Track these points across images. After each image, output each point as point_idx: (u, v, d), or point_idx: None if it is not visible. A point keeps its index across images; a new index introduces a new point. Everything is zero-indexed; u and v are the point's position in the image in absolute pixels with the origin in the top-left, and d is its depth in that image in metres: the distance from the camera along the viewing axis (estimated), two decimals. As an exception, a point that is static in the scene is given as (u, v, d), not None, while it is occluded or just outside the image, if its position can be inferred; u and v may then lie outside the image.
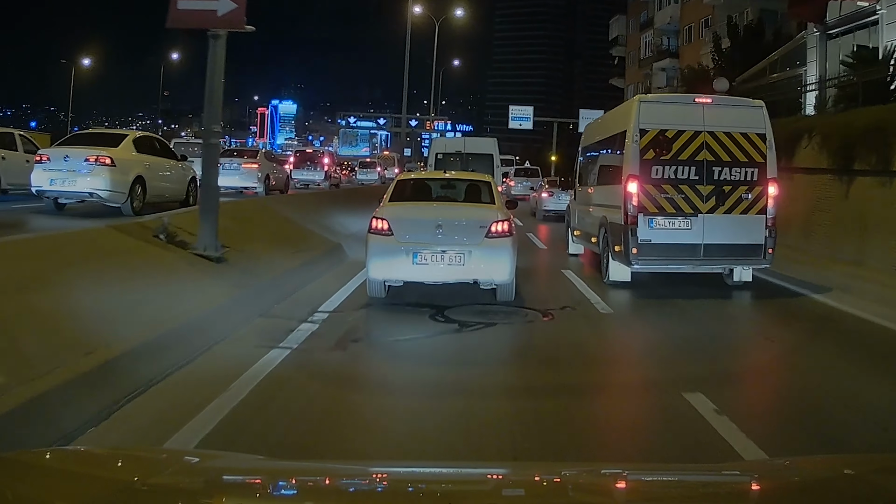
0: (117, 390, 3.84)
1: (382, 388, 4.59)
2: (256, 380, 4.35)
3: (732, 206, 8.19)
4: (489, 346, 5.84)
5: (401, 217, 7.17)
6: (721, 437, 3.62)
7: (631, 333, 6.78)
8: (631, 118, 8.22)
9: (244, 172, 18.59)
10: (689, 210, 8.10)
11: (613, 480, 1.81)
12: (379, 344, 5.89)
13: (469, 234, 7.00)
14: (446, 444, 3.58)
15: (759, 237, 8.18)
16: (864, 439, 3.76)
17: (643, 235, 7.99)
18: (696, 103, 8.45)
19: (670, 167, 8.10)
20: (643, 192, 8.03)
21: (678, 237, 8.10)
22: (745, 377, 5.25)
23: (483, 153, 16.28)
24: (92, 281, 4.85)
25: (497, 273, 7.02)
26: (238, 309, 5.86)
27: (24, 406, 3.17)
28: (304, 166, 28.76)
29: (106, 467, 1.71)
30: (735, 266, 8.59)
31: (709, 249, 8.16)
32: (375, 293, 7.29)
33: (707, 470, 2.28)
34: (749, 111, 8.54)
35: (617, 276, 8.66)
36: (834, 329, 6.82)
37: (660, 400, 4.39)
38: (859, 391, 4.71)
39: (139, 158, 12.03)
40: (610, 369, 5.38)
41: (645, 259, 8.07)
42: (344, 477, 1.80)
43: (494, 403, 4.15)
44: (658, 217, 8.07)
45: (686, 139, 8.13)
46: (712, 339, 6.39)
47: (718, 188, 8.15)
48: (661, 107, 8.48)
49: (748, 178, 8.22)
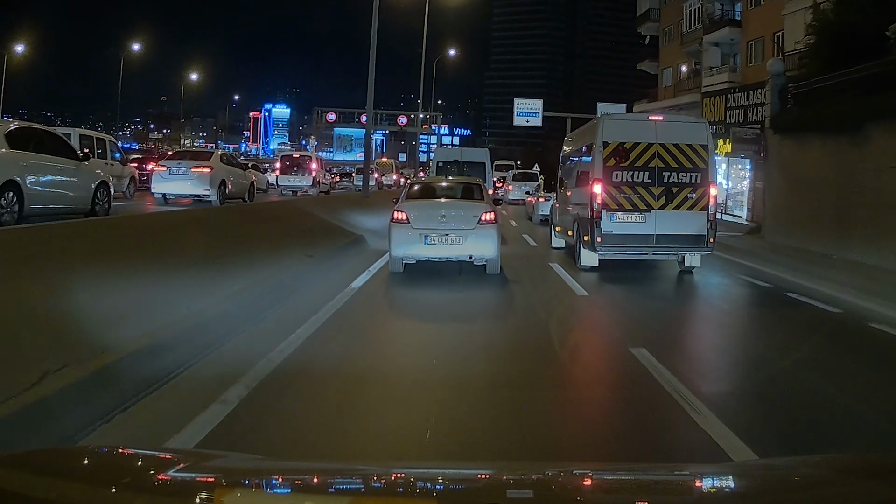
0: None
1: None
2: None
3: (680, 204, 10.43)
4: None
5: (415, 209, 9.79)
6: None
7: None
8: (597, 132, 10.50)
9: (194, 177, 17.02)
10: (643, 207, 10.34)
11: (613, 480, 1.89)
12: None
13: (465, 222, 9.55)
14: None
15: (702, 229, 10.43)
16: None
17: (606, 227, 10.26)
18: (649, 121, 10.77)
19: (628, 172, 10.35)
20: (606, 192, 10.28)
21: (635, 229, 10.35)
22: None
23: (476, 161, 21.19)
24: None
25: (486, 250, 9.61)
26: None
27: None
28: (291, 172, 28.15)
29: (106, 467, 1.76)
30: (684, 253, 10.84)
31: (660, 239, 10.41)
32: (396, 269, 9.89)
33: (705, 470, 2.37)
34: (694, 126, 10.85)
35: (587, 262, 10.91)
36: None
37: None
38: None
39: (14, 157, 9.89)
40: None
41: (608, 247, 10.32)
42: (344, 476, 1.87)
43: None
44: (618, 212, 10.32)
45: (641, 149, 10.39)
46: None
47: (668, 189, 10.39)
48: (621, 123, 10.82)
49: (693, 181, 10.48)
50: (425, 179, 13.27)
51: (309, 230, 12.17)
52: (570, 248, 12.69)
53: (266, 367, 4.88)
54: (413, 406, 4.34)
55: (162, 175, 17.43)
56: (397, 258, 9.76)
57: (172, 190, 17.39)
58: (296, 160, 29.39)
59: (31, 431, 3.29)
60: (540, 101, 48.09)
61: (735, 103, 22.78)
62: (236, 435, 3.69)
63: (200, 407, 3.99)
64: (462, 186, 10.91)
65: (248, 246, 9.04)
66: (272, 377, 4.71)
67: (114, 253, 6.38)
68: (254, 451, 3.00)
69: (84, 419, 3.65)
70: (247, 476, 1.79)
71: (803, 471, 1.87)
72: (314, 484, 1.77)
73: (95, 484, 1.56)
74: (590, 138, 10.97)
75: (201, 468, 1.80)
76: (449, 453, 3.62)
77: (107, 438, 3.51)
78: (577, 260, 11.28)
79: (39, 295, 4.54)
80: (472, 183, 11.08)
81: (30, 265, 5.13)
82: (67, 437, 3.45)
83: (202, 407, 4.00)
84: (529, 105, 46.74)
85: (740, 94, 22.81)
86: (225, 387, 4.37)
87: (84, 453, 2.15)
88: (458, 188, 10.91)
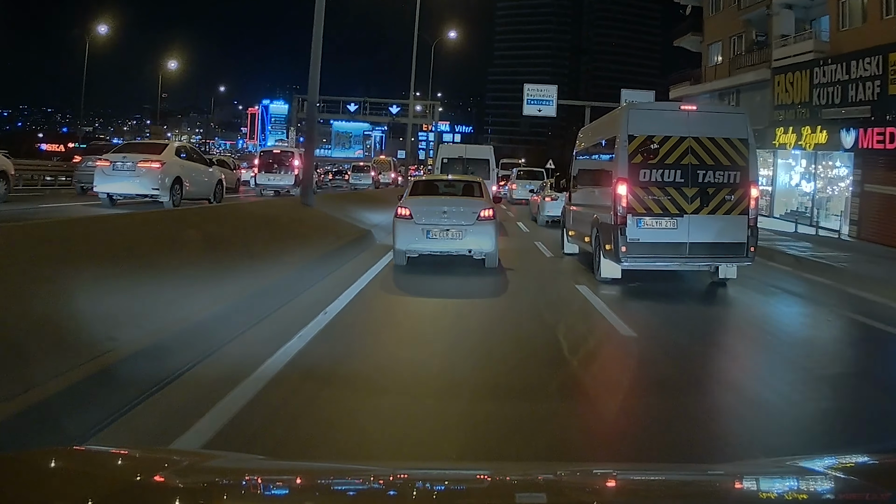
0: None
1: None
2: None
3: (716, 207, 9.16)
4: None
5: (418, 205, 10.43)
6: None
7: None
8: (620, 125, 9.21)
9: (141, 174, 14.63)
10: (674, 211, 9.06)
11: (612, 480, 1.89)
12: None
13: (465, 218, 10.14)
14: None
15: (741, 236, 9.15)
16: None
17: (632, 234, 8.97)
18: (681, 110, 9.46)
19: (657, 170, 9.08)
20: (632, 193, 9.00)
21: (665, 236, 9.07)
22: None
23: (480, 158, 21.28)
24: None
25: (485, 245, 10.21)
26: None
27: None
28: (272, 170, 25.50)
29: (106, 467, 1.77)
30: (719, 263, 9.57)
31: (694, 248, 9.13)
32: (400, 262, 10.50)
33: (711, 470, 2.36)
34: (733, 118, 9.55)
35: (608, 274, 9.62)
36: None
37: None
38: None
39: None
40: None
41: (634, 257, 9.04)
42: (345, 477, 1.90)
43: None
44: (646, 217, 9.04)
45: (672, 144, 9.11)
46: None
47: (703, 190, 9.12)
48: (650, 113, 9.50)
49: (731, 180, 9.20)
50: (427, 177, 13.80)
51: (258, 255, 8.55)
52: (585, 254, 11.42)
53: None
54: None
55: (105, 171, 14.88)
56: (401, 251, 10.37)
57: (117, 189, 15.01)
58: (276, 156, 26.64)
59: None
60: (554, 87, 42.46)
61: (826, 79, 19.09)
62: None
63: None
64: (463, 184, 11.62)
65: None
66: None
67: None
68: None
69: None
70: (247, 476, 1.83)
71: (804, 471, 1.91)
72: (314, 484, 1.80)
73: (95, 484, 1.57)
74: (612, 131, 9.68)
75: (201, 468, 1.83)
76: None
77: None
78: (596, 271, 10.00)
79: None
80: (472, 181, 11.78)
81: None
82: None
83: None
84: (542, 92, 41.30)
85: (834, 66, 18.96)
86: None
87: (84, 453, 2.14)
88: (459, 186, 11.68)
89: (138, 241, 7.08)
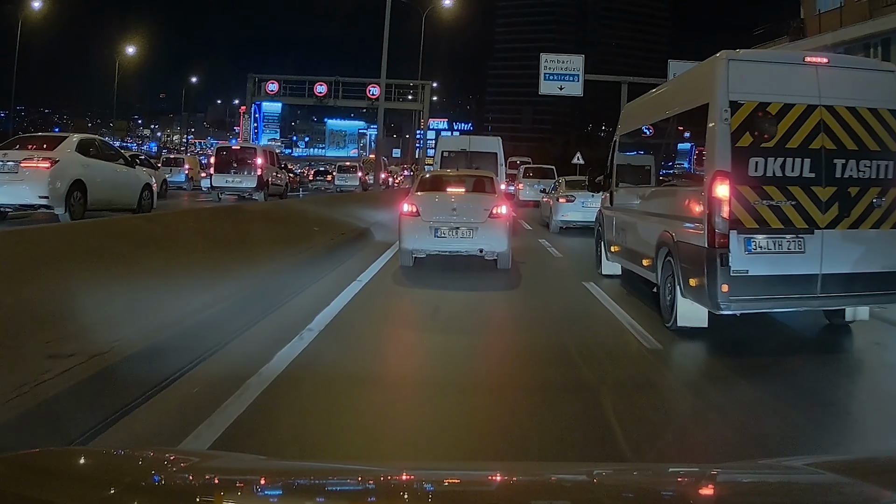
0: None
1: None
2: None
3: (862, 218, 5.86)
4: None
5: (426, 202, 9.79)
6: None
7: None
8: (715, 86, 5.84)
9: (26, 177, 11.37)
10: (801, 224, 5.74)
11: (612, 480, 1.86)
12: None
13: (476, 215, 9.45)
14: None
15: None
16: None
17: (738, 264, 5.58)
18: (806, 63, 6.09)
19: (775, 160, 5.74)
20: (738, 197, 5.66)
21: (788, 265, 5.71)
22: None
23: (487, 151, 17.44)
24: None
25: (497, 244, 9.48)
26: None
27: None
28: (230, 170, 22.20)
29: (106, 467, 1.77)
30: (868, 305, 6.24)
31: (829, 282, 5.78)
32: (406, 262, 9.85)
33: (707, 470, 2.14)
34: (883, 78, 6.19)
35: (687, 321, 6.26)
36: None
37: None
38: None
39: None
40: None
41: (742, 299, 5.64)
42: (345, 477, 1.89)
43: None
44: (758, 235, 5.68)
45: (796, 117, 5.78)
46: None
47: (842, 191, 5.80)
48: (761, 67, 6.06)
49: (884, 175, 5.90)
50: (435, 172, 13.47)
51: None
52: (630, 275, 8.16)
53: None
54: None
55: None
56: (407, 251, 9.76)
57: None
58: (235, 153, 23.20)
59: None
60: (580, 57, 32.08)
61: None
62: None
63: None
64: (474, 179, 11.01)
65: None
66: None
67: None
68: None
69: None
70: (247, 476, 1.82)
71: (804, 471, 1.88)
72: (315, 484, 1.79)
73: (95, 484, 1.57)
74: (696, 96, 6.30)
75: (201, 468, 1.82)
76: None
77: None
78: (668, 316, 6.59)
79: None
80: (483, 175, 11.27)
81: None
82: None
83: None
84: (565, 63, 31.29)
85: None
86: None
87: (84, 453, 2.18)
88: (469, 181, 10.95)
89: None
